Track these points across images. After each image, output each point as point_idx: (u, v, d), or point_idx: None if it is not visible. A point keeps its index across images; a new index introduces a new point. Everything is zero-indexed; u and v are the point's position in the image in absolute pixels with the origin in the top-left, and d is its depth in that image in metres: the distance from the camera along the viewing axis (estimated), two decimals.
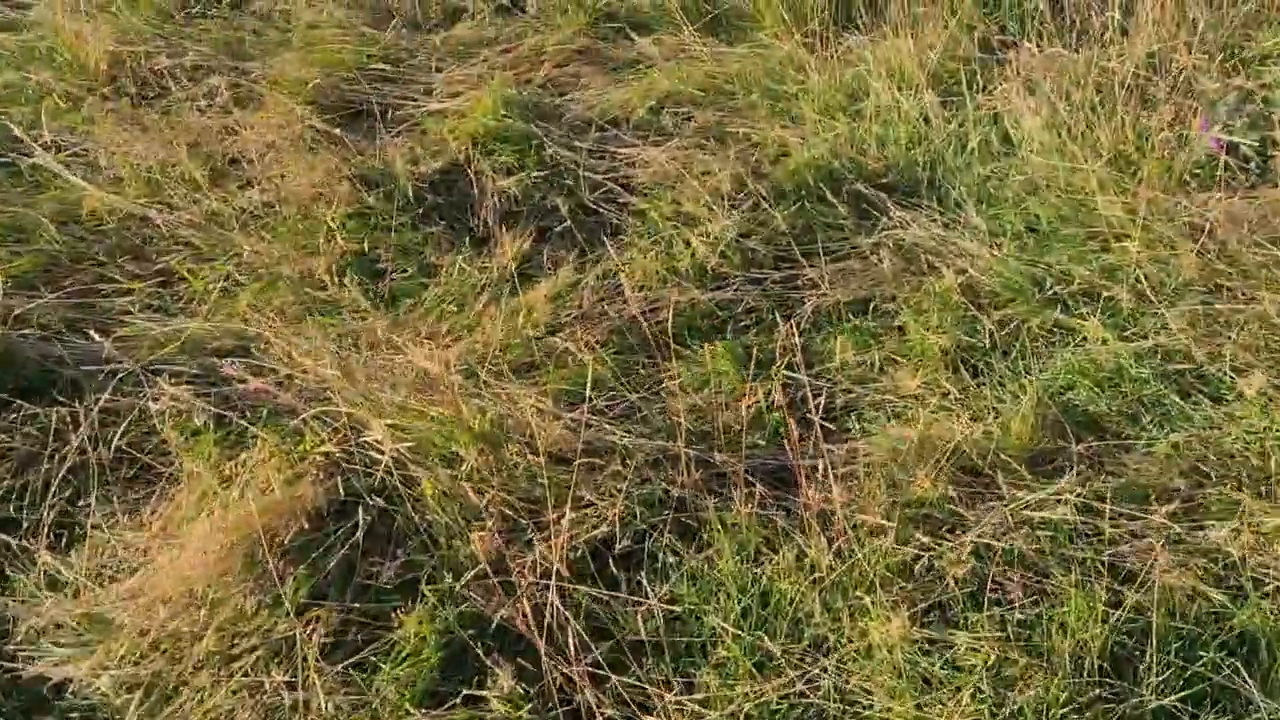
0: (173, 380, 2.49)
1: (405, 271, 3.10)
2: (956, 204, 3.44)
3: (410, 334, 2.87)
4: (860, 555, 2.29)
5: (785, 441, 2.70)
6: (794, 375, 2.79)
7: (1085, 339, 2.96)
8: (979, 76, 3.75)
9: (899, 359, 2.94)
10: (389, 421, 2.34)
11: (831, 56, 3.90)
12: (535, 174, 3.34)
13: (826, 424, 2.66)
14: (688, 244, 3.15)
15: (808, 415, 2.62)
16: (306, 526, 2.22)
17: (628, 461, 2.42)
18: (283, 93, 3.54)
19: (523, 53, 3.99)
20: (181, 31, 3.93)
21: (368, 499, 2.29)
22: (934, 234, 3.32)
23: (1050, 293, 3.10)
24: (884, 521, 2.25)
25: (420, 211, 3.26)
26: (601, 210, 3.34)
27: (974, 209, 3.39)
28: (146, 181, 3.24)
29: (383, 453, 2.27)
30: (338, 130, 3.36)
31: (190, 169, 3.23)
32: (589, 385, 2.29)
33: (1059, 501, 2.48)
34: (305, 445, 2.36)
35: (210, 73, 3.67)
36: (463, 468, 2.33)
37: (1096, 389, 2.83)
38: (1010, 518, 2.41)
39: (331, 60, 3.79)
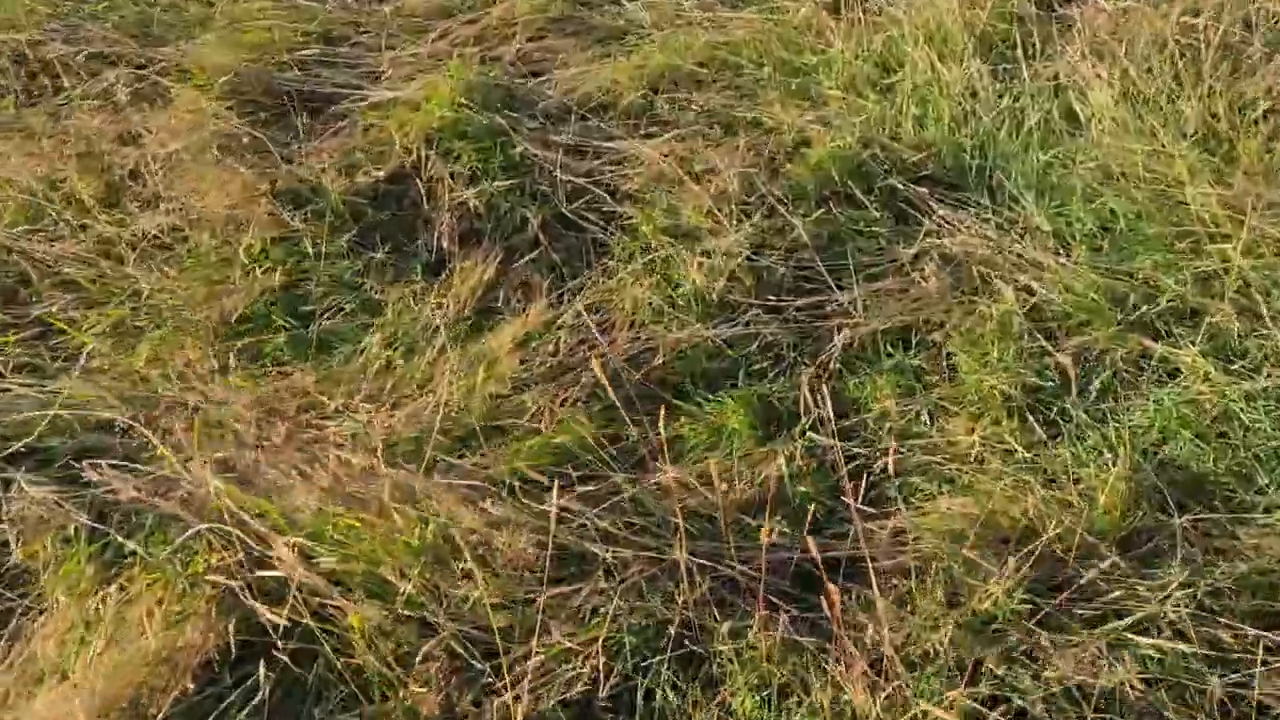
0: (34, 478, 2.00)
1: (341, 310, 2.61)
2: (1012, 198, 3.01)
3: (344, 392, 2.38)
4: (917, 703, 1.80)
5: (815, 520, 2.27)
6: (822, 439, 2.31)
7: (1180, 372, 2.53)
8: (1036, 39, 3.30)
9: (951, 406, 2.50)
10: (303, 536, 1.85)
11: (857, 19, 3.44)
12: (502, 181, 2.84)
13: (865, 507, 2.16)
14: (688, 265, 2.64)
15: (841, 494, 2.15)
16: (191, 688, 1.74)
17: (614, 574, 1.92)
18: (194, 86, 3.01)
19: (490, 24, 3.48)
20: (81, 10, 3.39)
21: (275, 641, 1.81)
22: (987, 239, 2.83)
23: (1135, 313, 2.63)
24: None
25: (359, 233, 2.77)
26: (583, 223, 2.85)
27: (1034, 204, 2.97)
28: (26, 205, 2.73)
29: (293, 579, 1.78)
30: (259, 132, 2.84)
31: (80, 188, 2.72)
32: (556, 491, 1.79)
33: (1167, 601, 2.01)
34: (195, 567, 1.88)
35: (113, 63, 3.13)
36: (399, 596, 1.84)
37: (1199, 441, 2.40)
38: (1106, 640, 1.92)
39: (259, 41, 3.26)
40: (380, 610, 1.85)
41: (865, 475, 2.35)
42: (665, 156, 2.92)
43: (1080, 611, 2.03)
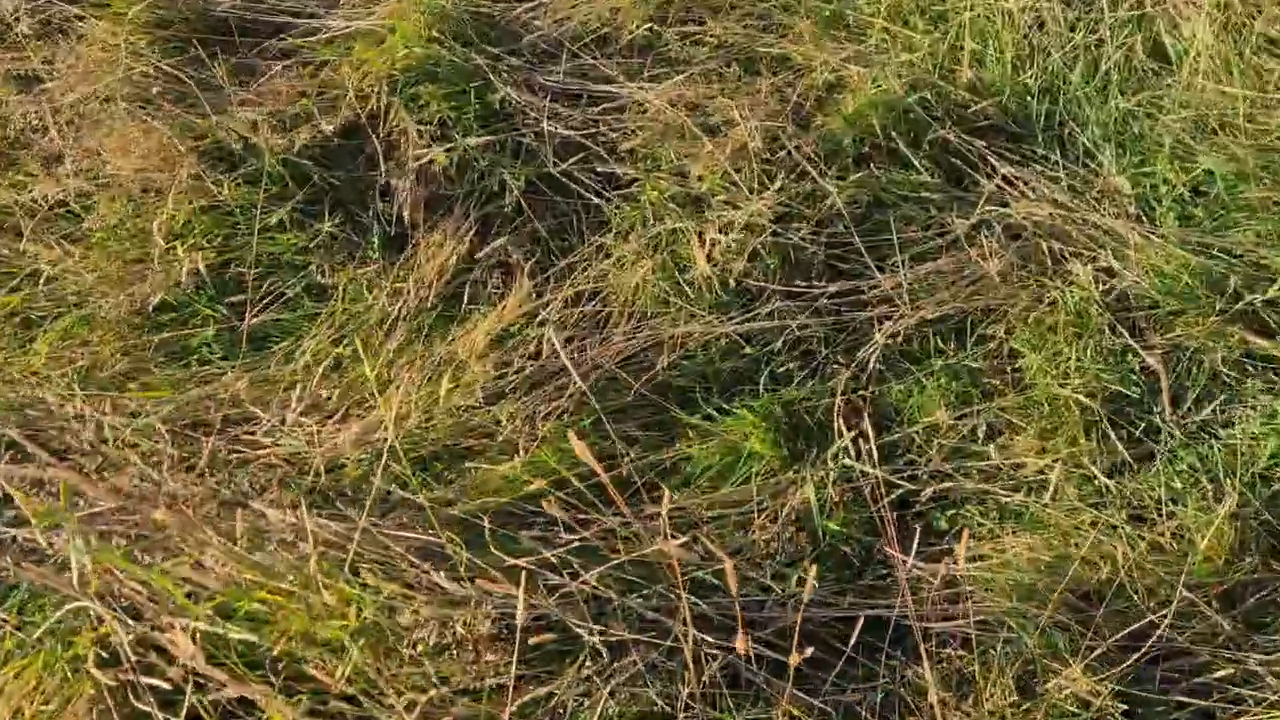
0: None
1: (281, 296, 2.28)
2: (1088, 153, 2.67)
3: (279, 400, 2.05)
4: None
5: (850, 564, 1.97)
6: (859, 467, 1.98)
7: None
8: None
9: (1016, 420, 2.18)
10: (210, 610, 1.52)
11: None
12: (477, 134, 2.47)
13: (916, 563, 1.83)
14: (701, 240, 2.29)
15: (881, 533, 1.83)
16: None
17: (600, 658, 1.60)
18: (112, 15, 2.61)
19: None
20: None
21: None
22: (1057, 204, 2.49)
23: (1237, 301, 2.29)
24: None
25: (303, 200, 2.41)
26: (574, 188, 2.48)
27: (1113, 161, 2.63)
28: None
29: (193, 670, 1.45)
30: (185, 74, 2.46)
31: None
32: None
33: None
34: (78, 649, 1.56)
35: None
36: (333, 687, 1.52)
37: None
38: None
39: None
40: (308, 707, 1.52)
41: (911, 506, 2.04)
42: (674, 104, 2.54)
43: (1180, 699, 1.70)
